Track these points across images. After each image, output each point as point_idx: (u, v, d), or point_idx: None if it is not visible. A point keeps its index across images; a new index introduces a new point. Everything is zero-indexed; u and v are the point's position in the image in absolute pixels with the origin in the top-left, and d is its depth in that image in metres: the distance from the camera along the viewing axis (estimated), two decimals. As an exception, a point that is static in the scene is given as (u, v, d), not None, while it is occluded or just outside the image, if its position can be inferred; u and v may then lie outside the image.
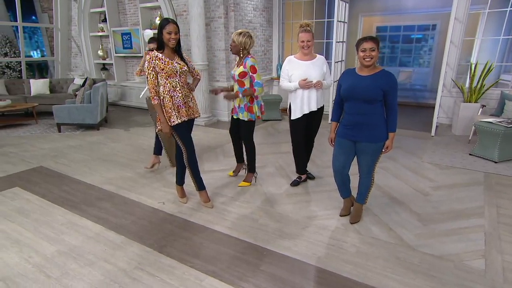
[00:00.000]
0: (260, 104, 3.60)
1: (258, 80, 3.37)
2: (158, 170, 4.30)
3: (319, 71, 3.40)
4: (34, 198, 3.56)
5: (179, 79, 2.97)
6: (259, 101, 3.58)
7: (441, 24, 8.60)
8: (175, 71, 2.92)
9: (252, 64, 3.33)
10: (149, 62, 2.86)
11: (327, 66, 3.50)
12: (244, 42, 3.33)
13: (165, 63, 2.87)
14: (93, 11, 8.52)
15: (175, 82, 2.95)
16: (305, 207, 3.29)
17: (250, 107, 3.49)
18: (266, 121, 6.86)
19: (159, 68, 2.87)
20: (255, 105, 3.51)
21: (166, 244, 2.71)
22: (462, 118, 5.47)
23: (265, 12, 7.39)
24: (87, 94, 6.08)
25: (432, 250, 2.57)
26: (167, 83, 2.93)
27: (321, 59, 3.47)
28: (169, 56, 2.93)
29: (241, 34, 3.33)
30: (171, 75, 2.91)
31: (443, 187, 3.67)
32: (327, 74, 3.49)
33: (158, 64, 2.86)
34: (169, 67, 2.88)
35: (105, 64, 9.11)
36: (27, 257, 2.55)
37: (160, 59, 2.87)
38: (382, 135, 2.68)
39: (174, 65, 2.91)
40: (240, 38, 3.31)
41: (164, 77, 2.90)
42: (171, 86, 2.93)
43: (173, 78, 2.93)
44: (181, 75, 2.98)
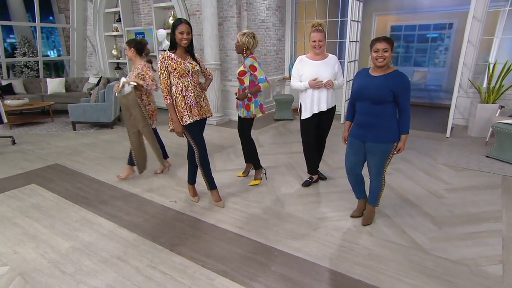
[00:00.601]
0: (259, 104, 3.64)
1: (260, 76, 3.45)
2: (170, 169, 4.33)
3: (330, 71, 3.37)
4: (50, 195, 3.63)
5: (191, 79, 2.98)
6: (258, 101, 3.63)
7: (458, 22, 8.40)
8: (187, 71, 2.93)
9: (251, 63, 3.41)
10: (162, 62, 2.88)
11: (339, 65, 3.47)
12: (247, 42, 3.42)
13: (177, 63, 2.89)
14: (108, 11, 8.64)
15: (187, 82, 2.96)
16: (316, 208, 3.27)
17: (248, 105, 3.59)
18: (278, 121, 6.85)
19: (171, 68, 2.89)
20: (253, 103, 3.58)
21: (178, 242, 2.73)
22: (479, 119, 5.35)
23: (278, 12, 7.37)
24: (102, 93, 6.18)
25: (446, 254, 2.52)
26: (179, 83, 2.94)
27: (333, 59, 3.43)
28: (182, 56, 2.94)
29: (245, 35, 3.43)
30: (183, 75, 2.93)
31: (458, 190, 3.60)
32: (338, 74, 3.45)
33: (171, 64, 2.88)
34: (181, 67, 2.90)
35: (119, 64, 9.24)
36: (43, 253, 2.60)
37: (172, 59, 2.88)
38: (391, 136, 2.64)
39: (186, 65, 2.93)
40: (244, 38, 3.41)
41: (176, 77, 2.92)
42: (183, 85, 2.95)
43: (185, 78, 2.95)
44: (193, 74, 3.00)
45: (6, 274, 2.35)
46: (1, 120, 5.20)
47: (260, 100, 3.66)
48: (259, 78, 3.45)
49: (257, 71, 3.43)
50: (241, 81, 3.56)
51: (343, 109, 6.53)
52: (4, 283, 2.27)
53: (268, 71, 7.41)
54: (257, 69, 3.43)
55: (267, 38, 7.21)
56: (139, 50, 3.76)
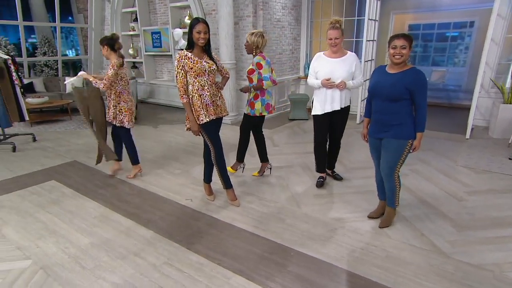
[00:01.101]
0: (266, 103, 3.69)
1: (265, 74, 3.53)
2: (187, 168, 4.35)
3: (346, 70, 3.30)
4: (69, 191, 3.71)
5: (208, 78, 2.99)
6: (264, 99, 3.67)
7: (480, 20, 8.18)
8: (204, 70, 2.94)
9: (258, 61, 3.51)
10: (178, 61, 2.90)
11: (358, 64, 3.39)
12: (257, 41, 3.50)
13: (194, 62, 2.90)
14: (125, 11, 8.77)
15: (204, 81, 2.97)
16: (333, 209, 3.24)
17: (253, 103, 3.67)
18: (292, 120, 6.81)
19: (187, 67, 2.90)
20: (259, 102, 3.65)
21: (194, 241, 2.75)
22: (501, 120, 5.19)
23: (294, 11, 7.32)
24: (119, 92, 6.26)
25: (468, 258, 2.45)
26: (196, 82, 2.95)
27: (351, 57, 3.36)
28: (198, 55, 2.95)
29: (254, 34, 3.50)
30: (199, 74, 2.94)
31: (479, 193, 3.50)
32: (356, 72, 3.37)
33: (187, 63, 2.89)
34: (198, 66, 2.91)
35: (135, 63, 9.36)
36: (64, 248, 2.65)
37: (189, 58, 2.90)
38: (406, 133, 2.60)
39: (203, 64, 2.93)
40: (253, 38, 3.49)
41: (192, 76, 2.93)
42: (200, 85, 2.96)
43: (201, 77, 2.95)
44: (210, 74, 3.00)
45: (29, 268, 2.41)
46: (23, 117, 5.34)
47: (268, 99, 3.70)
48: (263, 75, 3.53)
49: (262, 68, 3.52)
50: (249, 79, 3.64)
51: (359, 109, 6.46)
52: (27, 276, 2.33)
53: (283, 70, 7.38)
54: (263, 67, 3.52)
55: (283, 37, 7.18)
56: (111, 46, 3.64)
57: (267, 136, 5.72)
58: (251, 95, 3.69)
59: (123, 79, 3.70)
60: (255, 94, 3.65)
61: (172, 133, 6.02)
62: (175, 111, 7.97)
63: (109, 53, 3.67)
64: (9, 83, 5.05)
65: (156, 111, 8.01)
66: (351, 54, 3.38)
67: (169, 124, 6.74)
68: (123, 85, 3.72)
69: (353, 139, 5.50)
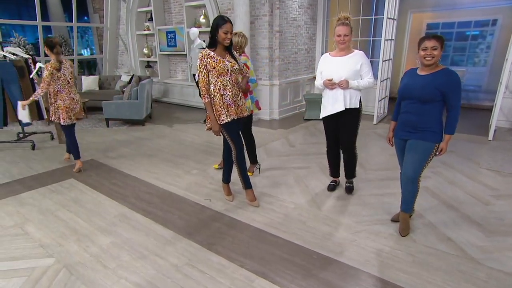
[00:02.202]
0: (255, 100, 3.79)
1: (252, 76, 3.61)
2: (204, 167, 4.33)
3: (350, 69, 3.07)
4: (87, 190, 3.72)
5: (230, 78, 2.95)
6: (253, 97, 3.78)
7: (504, 18, 7.95)
8: (226, 70, 2.90)
9: (245, 62, 3.52)
10: (201, 60, 2.87)
11: (366, 63, 3.11)
12: (241, 41, 3.62)
13: (216, 62, 2.86)
14: (140, 10, 8.82)
15: (226, 81, 2.93)
16: (354, 211, 3.17)
17: None
18: (308, 120, 6.74)
19: (210, 67, 2.86)
20: (249, 99, 3.68)
21: (215, 242, 2.72)
22: (525, 122, 5.03)
23: (310, 10, 7.24)
24: (134, 91, 6.30)
25: (500, 265, 2.36)
26: (218, 82, 2.92)
27: (357, 55, 3.10)
28: (221, 54, 2.91)
29: (237, 35, 3.60)
30: (222, 74, 2.90)
31: (506, 196, 3.38)
32: (364, 72, 3.10)
33: (210, 62, 2.86)
34: (221, 65, 2.87)
35: (150, 62, 9.41)
36: (85, 247, 2.65)
37: (212, 57, 2.86)
38: (434, 136, 2.52)
39: (226, 63, 2.90)
40: (237, 38, 3.59)
41: (215, 76, 2.90)
42: (222, 84, 2.92)
43: (224, 77, 2.92)
44: (232, 73, 2.96)
45: (53, 266, 2.42)
46: (42, 116, 5.41)
47: (255, 96, 3.83)
48: (250, 78, 3.56)
49: (249, 70, 3.59)
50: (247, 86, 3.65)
51: (376, 109, 6.35)
52: (51, 274, 2.34)
53: (298, 69, 7.31)
54: (250, 69, 3.59)
55: (298, 37, 7.11)
56: (50, 48, 3.87)
57: (283, 135, 5.69)
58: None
59: (60, 79, 3.95)
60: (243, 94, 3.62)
61: (187, 133, 6.02)
62: (190, 111, 7.98)
63: (50, 53, 3.91)
64: (30, 81, 5.12)
65: (170, 110, 8.03)
66: (358, 53, 3.12)
67: (184, 123, 6.74)
68: (61, 84, 3.99)
69: (370, 140, 5.40)
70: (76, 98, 4.18)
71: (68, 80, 4.03)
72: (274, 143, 5.28)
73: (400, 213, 2.80)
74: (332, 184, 3.66)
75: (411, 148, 2.61)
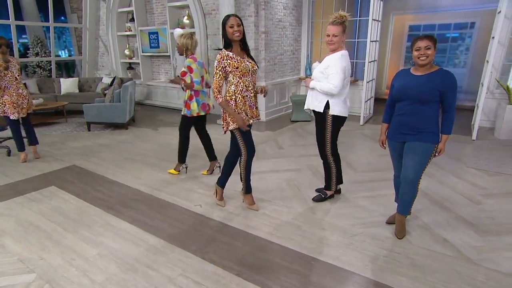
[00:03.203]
0: (202, 103, 3.77)
1: (195, 78, 3.62)
2: (192, 171, 4.20)
3: (318, 70, 2.97)
4: (70, 198, 3.53)
5: (251, 78, 2.86)
6: (199, 99, 3.75)
7: (481, 21, 8.19)
8: (248, 70, 2.81)
9: (189, 64, 3.57)
10: (219, 62, 2.75)
11: (333, 65, 2.86)
12: (186, 43, 3.60)
13: (238, 62, 2.75)
14: (121, 10, 8.57)
15: (248, 82, 2.83)
16: (348, 214, 3.13)
17: (188, 103, 3.73)
18: (295, 122, 6.71)
19: (232, 67, 2.74)
20: (194, 102, 3.71)
21: (209, 250, 2.61)
22: (508, 121, 5.16)
23: (295, 11, 7.23)
24: (117, 93, 6.09)
25: (496, 265, 2.36)
26: (240, 82, 2.79)
27: (334, 56, 2.89)
28: (239, 54, 2.81)
29: (183, 36, 3.59)
30: (244, 74, 2.79)
31: (496, 196, 3.43)
32: (329, 75, 2.88)
33: (231, 63, 2.74)
34: (243, 65, 2.77)
35: (131, 64, 9.17)
36: (70, 259, 2.49)
37: (232, 58, 2.75)
38: (433, 137, 2.52)
39: (246, 63, 2.80)
40: (182, 40, 3.59)
41: (237, 76, 2.78)
42: (244, 85, 2.81)
43: (246, 77, 2.81)
44: (253, 74, 2.88)
45: (34, 282, 2.25)
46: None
47: (203, 99, 3.79)
48: (194, 79, 3.61)
49: (193, 72, 3.59)
50: (184, 81, 3.65)
51: (363, 110, 6.38)
52: (32, 292, 2.17)
53: (284, 71, 7.27)
54: (193, 71, 3.59)
55: (284, 38, 7.07)
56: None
57: (271, 138, 5.62)
58: (186, 96, 3.74)
59: (7, 76, 4.22)
60: (190, 95, 3.70)
61: (173, 136, 5.86)
62: (174, 113, 7.80)
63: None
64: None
65: (153, 113, 7.84)
66: (335, 54, 2.90)
67: (169, 126, 6.57)
68: (9, 81, 4.25)
69: (358, 141, 5.42)
70: (24, 93, 4.42)
71: (16, 77, 4.32)
72: (262, 145, 5.20)
73: (397, 215, 2.78)
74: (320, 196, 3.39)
75: (410, 150, 2.58)
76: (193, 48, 3.66)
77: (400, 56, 9.27)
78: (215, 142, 4.24)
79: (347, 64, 2.92)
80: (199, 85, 3.66)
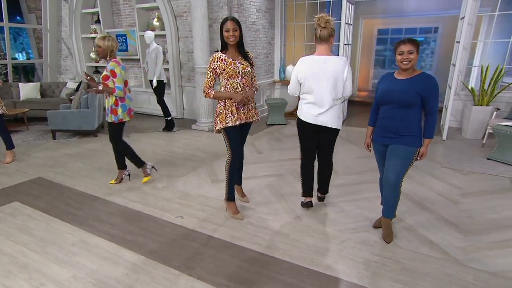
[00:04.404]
0: (128, 108, 3.65)
1: (118, 84, 3.47)
2: (170, 180, 4.02)
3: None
4: (37, 214, 3.24)
5: (241, 80, 2.83)
6: (125, 105, 3.63)
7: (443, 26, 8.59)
8: (237, 72, 2.80)
9: (112, 68, 3.44)
10: (211, 63, 2.81)
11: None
12: (111, 45, 3.45)
13: (227, 64, 2.78)
14: (85, 11, 8.16)
15: (236, 83, 2.82)
16: (335, 219, 3.10)
17: (115, 109, 3.58)
18: (271, 125, 6.66)
19: (220, 69, 2.79)
20: (120, 108, 3.58)
21: (194, 265, 2.47)
22: (474, 122, 5.40)
23: (268, 14, 7.20)
24: (84, 99, 5.75)
25: (482, 265, 2.40)
26: (228, 84, 2.83)
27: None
28: (233, 55, 2.82)
29: (106, 38, 3.43)
30: (232, 76, 2.80)
31: (471, 195, 3.54)
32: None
33: (220, 65, 2.78)
34: (231, 67, 2.77)
35: (98, 67, 8.73)
36: (39, 285, 2.25)
37: (223, 59, 2.78)
38: (415, 140, 2.54)
39: (237, 65, 2.79)
40: (106, 42, 3.42)
41: (225, 78, 2.81)
42: (232, 87, 2.83)
43: (234, 79, 2.81)
44: (243, 76, 2.84)
45: (0, 316, 2.01)
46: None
47: (129, 104, 3.67)
48: (116, 85, 3.46)
49: (116, 77, 3.45)
50: (105, 85, 3.50)
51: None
52: (-1, 327, 1.93)
53: (258, 74, 7.21)
54: (117, 76, 3.45)
55: (257, 41, 7.02)
56: None
57: (248, 142, 5.52)
58: (110, 101, 3.57)
59: None
60: (115, 100, 3.55)
61: (146, 143, 5.61)
62: (145, 118, 7.51)
63: None
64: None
65: (124, 119, 7.48)
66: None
67: (141, 132, 6.31)
68: None
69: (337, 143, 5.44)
70: None
71: None
72: (241, 151, 5.08)
73: (382, 219, 2.77)
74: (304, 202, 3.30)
75: (393, 154, 2.59)
76: (116, 50, 3.53)
77: (370, 59, 9.54)
78: (187, 146, 4.09)
79: None
80: (121, 91, 3.48)
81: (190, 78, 7.14)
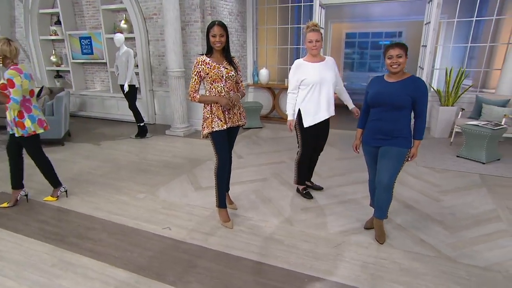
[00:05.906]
0: (38, 119, 3.29)
1: (15, 96, 3.04)
2: (151, 190, 3.83)
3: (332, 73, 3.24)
4: (6, 234, 2.95)
5: (225, 84, 2.78)
6: (34, 116, 3.25)
7: (407, 31, 9.03)
8: (221, 76, 2.74)
9: (10, 77, 3.01)
10: (195, 67, 2.78)
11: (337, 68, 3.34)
12: (3, 50, 3.00)
13: (210, 68, 2.74)
14: (42, 11, 7.62)
15: (220, 87, 2.77)
16: (326, 222, 3.11)
17: (20, 122, 3.18)
18: (247, 129, 6.61)
19: (204, 73, 2.76)
20: (27, 119, 3.19)
21: (190, 279, 2.35)
22: (441, 121, 5.70)
23: (240, 17, 7.16)
24: (49, 105, 5.36)
25: (473, 260, 2.51)
26: (212, 88, 2.80)
27: (330, 61, 3.27)
28: (218, 59, 2.79)
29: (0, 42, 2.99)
30: (215, 80, 2.75)
31: (449, 192, 3.71)
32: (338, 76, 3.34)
33: (203, 68, 2.74)
34: (214, 71, 2.73)
35: (59, 71, 8.21)
36: (22, 315, 2.04)
37: (207, 63, 2.75)
38: (406, 142, 2.61)
39: (221, 69, 2.75)
40: (1, 47, 2.98)
41: (209, 82, 2.77)
42: (216, 91, 2.80)
43: (218, 83, 2.77)
44: (227, 80, 2.78)
45: None
46: None
47: (37, 114, 3.30)
48: (12, 96, 3.03)
49: (14, 88, 3.01)
50: (4, 95, 3.07)
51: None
52: None
53: (232, 78, 7.14)
54: (15, 86, 3.01)
55: (231, 44, 6.92)
56: None
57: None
58: (13, 113, 3.14)
59: None
60: (19, 112, 3.15)
61: (120, 150, 5.34)
62: (114, 125, 7.16)
63: None
64: None
65: (91, 126, 7.09)
66: (330, 58, 3.30)
67: (112, 139, 5.99)
68: None
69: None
70: None
71: None
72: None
73: (375, 220, 2.82)
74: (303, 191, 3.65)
75: (385, 155, 2.64)
76: (13, 56, 3.06)
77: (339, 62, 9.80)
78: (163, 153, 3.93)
79: None
80: (16, 104, 3.05)
81: (162, 82, 6.92)
